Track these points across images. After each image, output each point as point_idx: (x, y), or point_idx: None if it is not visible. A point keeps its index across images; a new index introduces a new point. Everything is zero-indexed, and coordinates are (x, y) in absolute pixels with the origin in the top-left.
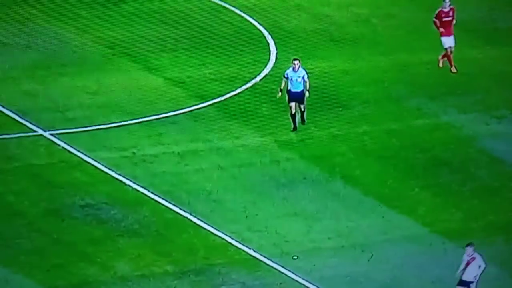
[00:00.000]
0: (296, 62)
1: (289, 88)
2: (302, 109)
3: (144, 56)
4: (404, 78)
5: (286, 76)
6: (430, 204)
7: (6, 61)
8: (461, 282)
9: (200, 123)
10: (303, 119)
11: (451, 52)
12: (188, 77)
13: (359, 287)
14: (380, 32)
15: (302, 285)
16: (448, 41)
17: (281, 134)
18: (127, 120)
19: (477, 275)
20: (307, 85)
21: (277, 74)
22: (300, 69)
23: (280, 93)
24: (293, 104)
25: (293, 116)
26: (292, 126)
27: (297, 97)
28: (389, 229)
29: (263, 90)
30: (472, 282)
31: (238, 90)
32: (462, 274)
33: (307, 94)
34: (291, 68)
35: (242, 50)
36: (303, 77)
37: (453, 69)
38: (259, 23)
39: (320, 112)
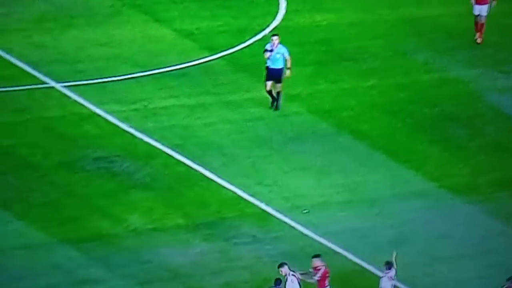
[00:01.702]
0: (274, 38)
1: (267, 64)
2: (278, 89)
3: (153, 7)
4: (412, 32)
5: (267, 49)
6: (437, 159)
7: (16, 12)
8: None
9: (209, 76)
10: (278, 102)
11: (480, 21)
12: (197, 29)
13: (366, 242)
14: None
15: (312, 239)
16: (477, 9)
17: (289, 87)
18: (137, 73)
19: None
20: (288, 63)
21: (286, 26)
22: (280, 45)
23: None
24: (269, 83)
25: (270, 92)
26: (271, 101)
27: (274, 75)
28: (396, 184)
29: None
30: None
31: (248, 43)
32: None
33: (287, 72)
34: (270, 44)
35: (252, 1)
36: (283, 54)
37: (478, 39)
38: None
39: (328, 66)
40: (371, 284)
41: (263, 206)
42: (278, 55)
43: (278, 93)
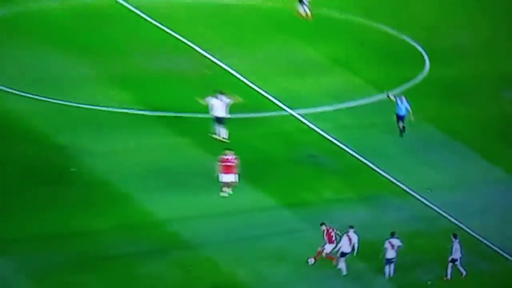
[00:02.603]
0: (403, 96)
1: (397, 111)
2: (401, 126)
3: (353, 65)
4: (502, 75)
5: (395, 99)
6: None
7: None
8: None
9: (376, 110)
10: (403, 131)
11: None
12: (370, 76)
13: (469, 213)
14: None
15: (431, 209)
16: None
17: (424, 114)
18: (333, 105)
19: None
20: (410, 111)
21: (429, 79)
22: (406, 101)
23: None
24: (400, 123)
25: (401, 128)
26: (400, 132)
27: (401, 119)
28: (483, 174)
29: (421, 91)
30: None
31: (404, 89)
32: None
33: (411, 117)
34: (399, 98)
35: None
36: (406, 107)
37: None
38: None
39: (451, 99)
40: (468, 240)
41: (404, 187)
42: (404, 107)
43: (403, 127)
